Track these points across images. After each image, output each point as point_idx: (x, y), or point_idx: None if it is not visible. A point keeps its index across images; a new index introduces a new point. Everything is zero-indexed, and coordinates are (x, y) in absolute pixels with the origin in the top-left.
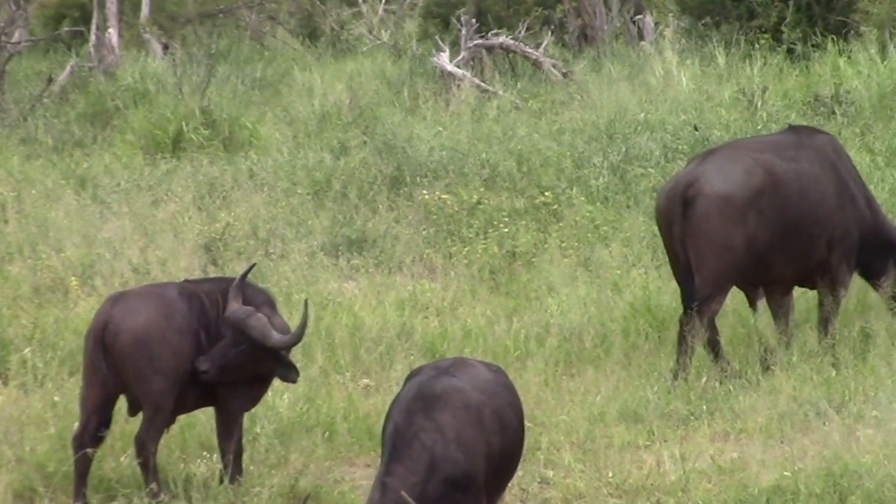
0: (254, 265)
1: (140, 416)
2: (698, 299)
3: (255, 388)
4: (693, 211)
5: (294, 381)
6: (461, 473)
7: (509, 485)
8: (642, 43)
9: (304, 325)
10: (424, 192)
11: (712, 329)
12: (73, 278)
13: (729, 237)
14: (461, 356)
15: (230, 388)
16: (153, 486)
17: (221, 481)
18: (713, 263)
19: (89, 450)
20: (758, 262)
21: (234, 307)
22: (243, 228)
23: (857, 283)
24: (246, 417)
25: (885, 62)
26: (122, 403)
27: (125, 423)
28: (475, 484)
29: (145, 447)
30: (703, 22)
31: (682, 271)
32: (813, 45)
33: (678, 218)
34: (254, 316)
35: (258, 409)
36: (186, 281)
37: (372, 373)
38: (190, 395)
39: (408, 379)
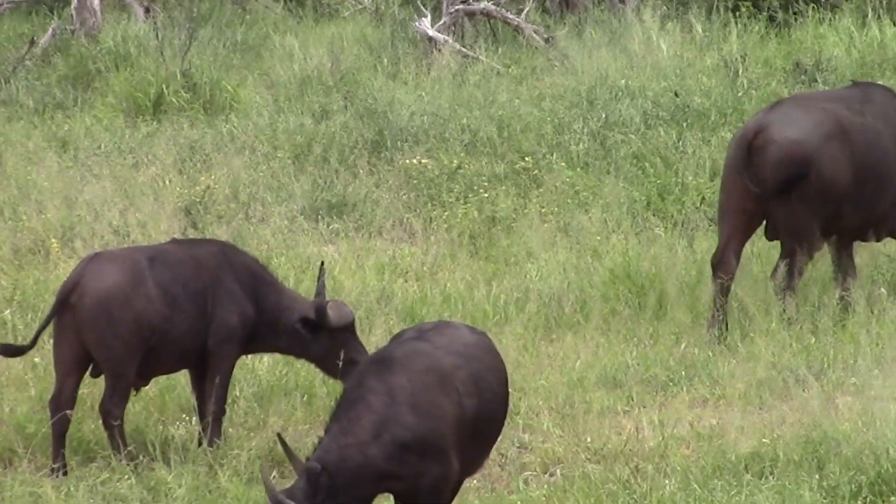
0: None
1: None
2: (785, 254)
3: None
4: (762, 158)
5: None
6: (413, 437)
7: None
8: (623, 9)
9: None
10: (405, 156)
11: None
12: (53, 240)
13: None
14: (447, 320)
15: (224, 355)
16: (131, 448)
17: (200, 444)
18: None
19: (66, 412)
20: (830, 212)
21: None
22: (223, 192)
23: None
24: None
25: (865, 30)
26: None
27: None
28: (435, 448)
29: (110, 415)
30: None
31: (745, 221)
32: (794, 13)
33: (746, 165)
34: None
35: (238, 373)
36: (174, 241)
37: None
38: (167, 357)
39: (391, 342)
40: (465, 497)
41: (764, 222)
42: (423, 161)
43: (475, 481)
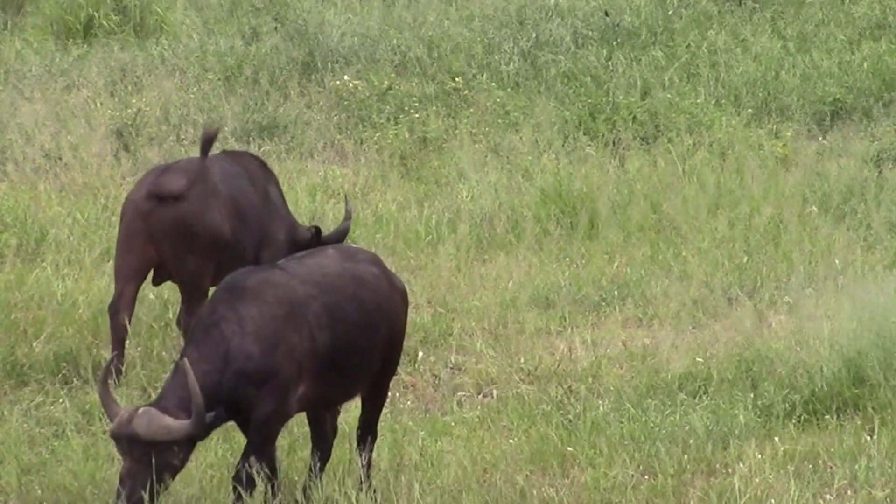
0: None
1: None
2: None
3: None
4: None
5: None
6: (254, 368)
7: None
8: None
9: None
10: (335, 78)
11: None
12: None
13: None
14: (324, 247)
15: None
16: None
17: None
18: None
19: (124, 316)
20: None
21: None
22: (155, 114)
23: (769, 169)
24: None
25: None
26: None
27: (38, 310)
28: (274, 381)
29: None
30: None
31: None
32: None
33: None
34: None
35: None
36: (225, 153)
37: None
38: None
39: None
40: (399, 418)
41: None
42: (354, 82)
43: (409, 402)
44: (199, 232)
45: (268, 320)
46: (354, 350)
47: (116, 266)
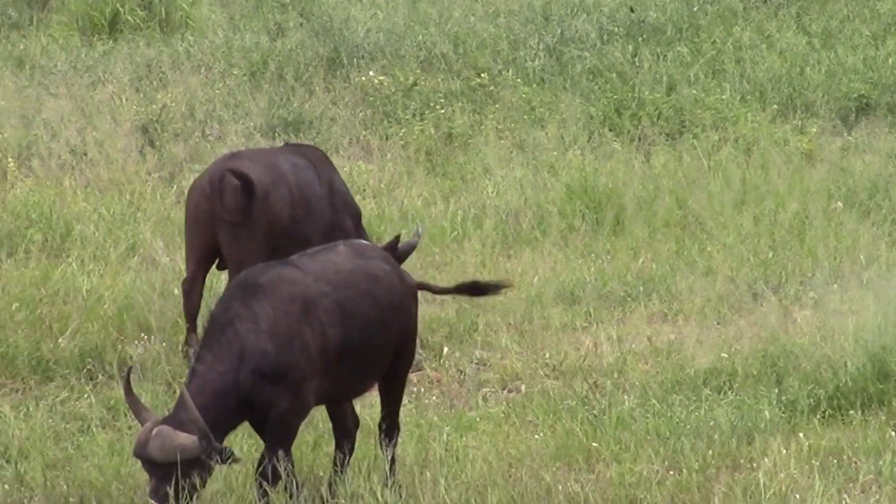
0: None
1: None
2: None
3: None
4: None
5: None
6: (270, 366)
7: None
8: None
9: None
10: (361, 73)
11: None
12: (10, 160)
13: None
14: (336, 243)
15: None
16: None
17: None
18: None
19: (195, 296)
20: None
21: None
22: (180, 110)
23: (794, 165)
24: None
25: None
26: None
27: (63, 305)
28: (291, 378)
29: None
30: None
31: None
32: None
33: None
34: None
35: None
36: (288, 145)
37: None
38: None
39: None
40: (424, 414)
41: None
42: (379, 78)
43: (434, 397)
44: (258, 217)
45: (282, 317)
46: (366, 346)
47: (186, 249)
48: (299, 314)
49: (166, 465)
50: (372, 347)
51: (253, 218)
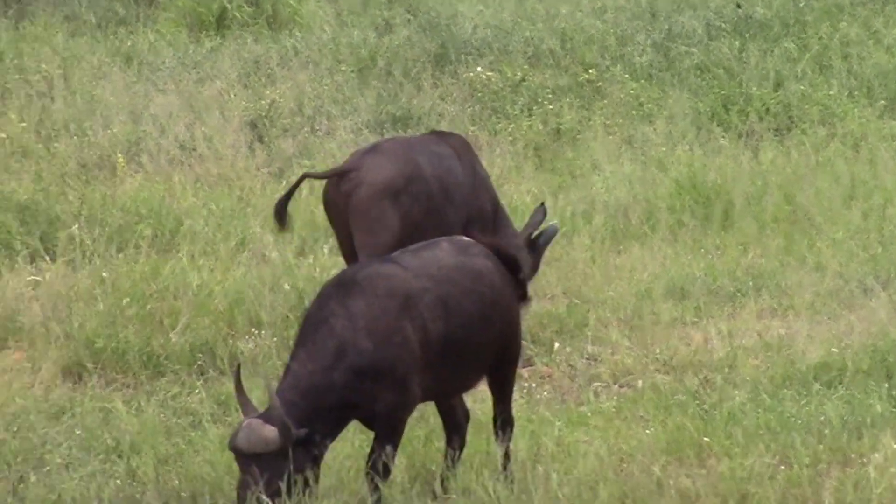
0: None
1: None
2: None
3: None
4: None
5: None
6: (368, 363)
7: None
8: None
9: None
10: (469, 69)
11: None
12: (119, 155)
13: None
14: (452, 238)
15: None
16: None
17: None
18: None
19: None
20: None
21: None
22: (289, 105)
23: None
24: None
25: None
26: None
27: (173, 300)
28: (392, 375)
29: None
30: None
31: None
32: None
33: None
34: None
35: None
36: (434, 133)
37: None
38: None
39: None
40: (536, 409)
41: None
42: (487, 74)
43: (545, 392)
44: (390, 212)
45: (379, 313)
46: (468, 342)
47: (339, 246)
48: (399, 310)
49: (255, 458)
50: (474, 344)
51: (386, 213)
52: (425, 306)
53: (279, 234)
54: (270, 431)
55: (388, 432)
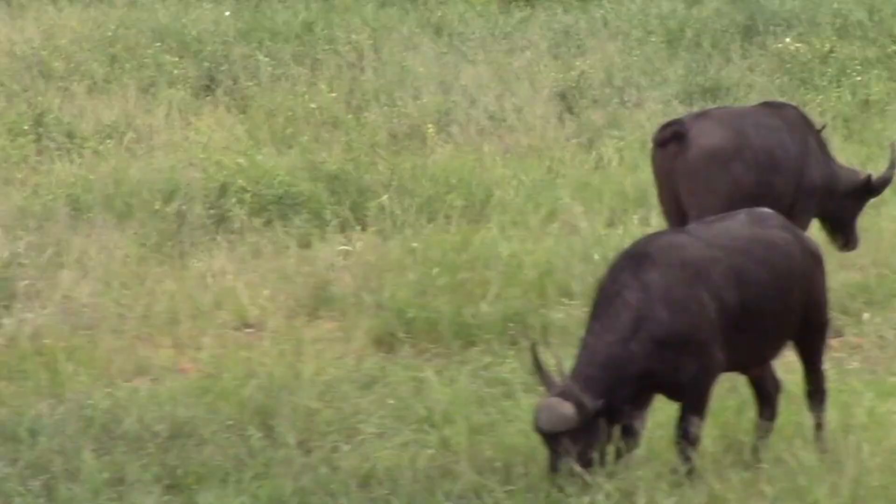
0: None
1: None
2: None
3: None
4: None
5: None
6: (666, 332)
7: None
8: None
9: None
10: (777, 40)
11: None
12: (429, 125)
13: None
14: (750, 210)
15: (807, 211)
16: None
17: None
18: None
19: None
20: None
21: None
22: (598, 76)
23: None
24: None
25: None
26: None
27: (484, 270)
28: (692, 342)
29: None
30: None
31: None
32: None
33: None
34: None
35: None
36: (765, 104)
37: None
38: None
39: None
40: (846, 380)
41: None
42: (795, 45)
43: (855, 363)
44: (718, 181)
45: (674, 283)
46: (763, 313)
47: (662, 209)
48: (692, 279)
49: (559, 437)
50: (770, 314)
51: (715, 177)
52: (719, 275)
53: (588, 205)
54: (568, 409)
55: (694, 401)
